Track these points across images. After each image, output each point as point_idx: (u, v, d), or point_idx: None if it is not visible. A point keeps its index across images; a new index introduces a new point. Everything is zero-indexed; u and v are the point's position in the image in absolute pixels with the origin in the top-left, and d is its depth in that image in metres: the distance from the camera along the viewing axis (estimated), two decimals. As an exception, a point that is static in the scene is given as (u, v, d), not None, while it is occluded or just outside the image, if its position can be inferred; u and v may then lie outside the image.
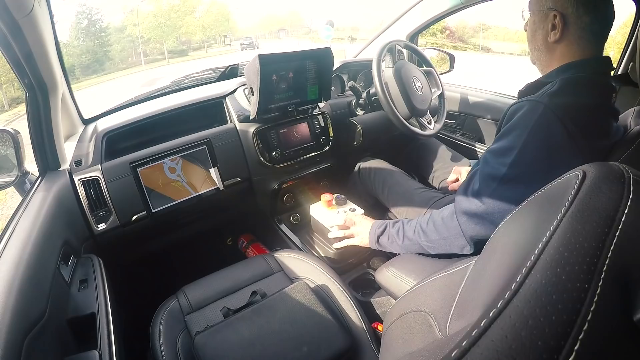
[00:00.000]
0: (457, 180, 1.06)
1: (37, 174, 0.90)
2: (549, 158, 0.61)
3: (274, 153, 1.11)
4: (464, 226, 0.69)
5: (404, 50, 1.42)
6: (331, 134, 1.23)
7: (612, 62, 0.69)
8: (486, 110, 1.38)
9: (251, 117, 1.08)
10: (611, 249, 0.25)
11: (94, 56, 24.02)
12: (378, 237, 0.86)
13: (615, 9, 0.65)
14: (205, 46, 30.89)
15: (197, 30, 29.33)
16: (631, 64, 1.04)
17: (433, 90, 1.28)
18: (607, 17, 0.64)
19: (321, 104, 1.24)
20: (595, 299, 0.23)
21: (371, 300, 0.94)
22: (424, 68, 1.29)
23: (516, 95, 0.77)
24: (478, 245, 0.70)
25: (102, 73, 22.72)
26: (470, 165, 1.16)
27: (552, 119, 0.60)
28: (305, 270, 0.88)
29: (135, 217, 0.95)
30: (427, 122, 1.24)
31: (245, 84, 1.14)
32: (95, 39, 24.65)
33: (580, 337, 0.21)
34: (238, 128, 1.12)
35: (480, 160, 0.72)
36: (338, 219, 0.99)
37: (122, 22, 27.77)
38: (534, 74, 0.76)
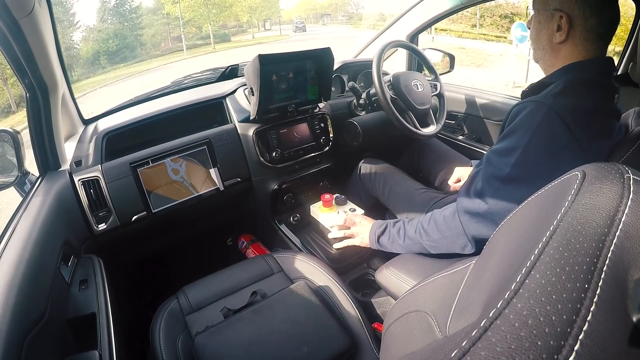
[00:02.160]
0: (458, 180, 1.06)
1: (37, 174, 0.90)
2: (552, 158, 0.61)
3: (274, 153, 1.12)
4: (466, 225, 0.69)
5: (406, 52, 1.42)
6: (331, 134, 1.23)
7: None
8: (486, 111, 1.38)
9: (251, 118, 1.08)
10: (611, 249, 0.25)
11: (122, 41, 19.59)
12: (378, 237, 0.86)
13: (620, 11, 0.65)
14: (251, 29, 27.12)
15: (245, 11, 24.13)
16: (631, 64, 1.04)
17: (433, 90, 1.28)
18: (613, 19, 0.64)
19: (321, 104, 1.24)
20: (595, 299, 0.23)
21: (371, 300, 0.94)
22: (421, 57, 1.29)
23: (519, 96, 0.77)
24: (479, 245, 0.70)
25: (133, 61, 18.87)
26: (471, 166, 1.16)
27: (555, 119, 0.60)
28: (305, 270, 0.88)
29: (135, 217, 0.95)
30: (427, 123, 1.24)
31: (245, 84, 1.14)
32: (125, 20, 20.40)
33: (580, 337, 0.21)
34: (238, 128, 1.12)
35: (483, 160, 0.72)
36: (338, 219, 0.99)
37: (156, 0, 23.13)
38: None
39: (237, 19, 25.66)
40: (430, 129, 1.21)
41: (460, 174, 1.06)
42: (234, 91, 1.20)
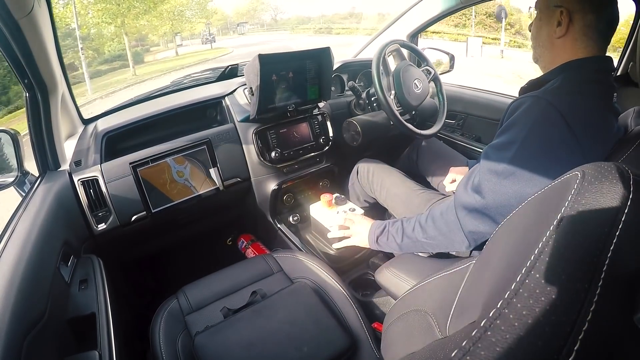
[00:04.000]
0: (454, 181, 1.06)
1: (37, 174, 0.90)
2: (550, 153, 0.61)
3: (273, 153, 1.12)
4: (463, 220, 0.69)
5: (405, 51, 1.41)
6: (331, 134, 1.23)
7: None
8: (486, 110, 1.38)
9: (251, 117, 1.08)
10: (611, 249, 0.25)
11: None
12: (377, 237, 0.86)
13: (619, 12, 0.66)
14: (158, 47, 18.32)
15: (167, 18, 15.35)
16: (631, 64, 1.04)
17: (432, 90, 1.28)
18: (611, 17, 0.65)
19: (321, 104, 1.24)
20: (595, 299, 0.23)
21: (371, 300, 0.94)
22: (424, 67, 1.29)
23: (517, 94, 0.77)
24: (477, 242, 0.70)
25: (4, 110, 7.80)
26: (466, 165, 1.16)
27: (553, 114, 0.60)
28: (305, 270, 0.88)
29: (135, 217, 0.95)
30: (427, 122, 1.24)
31: (245, 84, 1.14)
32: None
33: (580, 337, 0.21)
34: (238, 128, 1.12)
35: (481, 155, 0.72)
36: (338, 219, 0.99)
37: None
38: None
39: (143, 33, 16.86)
40: (430, 129, 1.21)
41: (455, 175, 1.06)
42: (234, 91, 1.20)
